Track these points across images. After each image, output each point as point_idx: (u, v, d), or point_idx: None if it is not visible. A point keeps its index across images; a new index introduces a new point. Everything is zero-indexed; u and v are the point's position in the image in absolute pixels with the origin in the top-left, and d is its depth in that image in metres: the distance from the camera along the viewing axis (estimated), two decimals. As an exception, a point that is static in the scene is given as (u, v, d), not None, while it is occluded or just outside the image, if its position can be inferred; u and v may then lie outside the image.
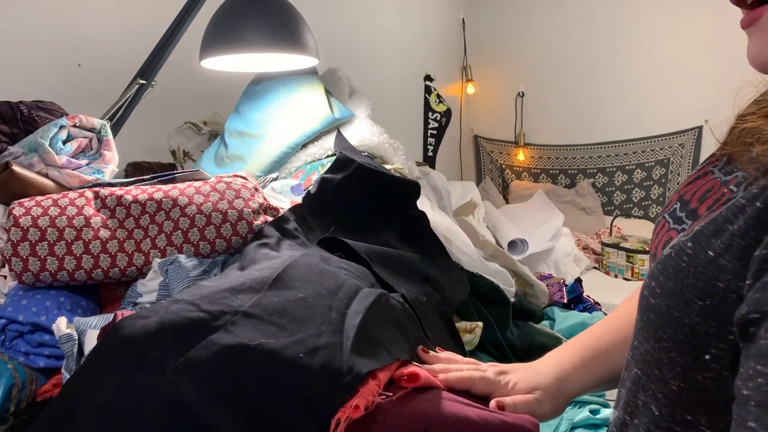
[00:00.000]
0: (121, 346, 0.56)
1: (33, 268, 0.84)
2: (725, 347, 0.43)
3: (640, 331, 0.51)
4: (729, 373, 0.43)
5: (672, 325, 0.46)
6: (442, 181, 1.84)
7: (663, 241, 0.57)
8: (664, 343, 0.46)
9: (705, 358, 0.43)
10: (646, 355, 0.50)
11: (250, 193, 0.94)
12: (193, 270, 0.86)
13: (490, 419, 0.64)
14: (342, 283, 0.70)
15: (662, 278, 0.48)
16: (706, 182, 0.57)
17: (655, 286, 0.48)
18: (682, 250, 0.46)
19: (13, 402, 0.74)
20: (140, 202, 0.90)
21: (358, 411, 0.58)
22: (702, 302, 0.43)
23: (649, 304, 0.49)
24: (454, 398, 0.66)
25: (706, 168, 0.59)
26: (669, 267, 0.47)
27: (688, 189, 0.59)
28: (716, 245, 0.44)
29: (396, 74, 3.17)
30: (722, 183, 0.54)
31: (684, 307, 0.45)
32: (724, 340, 0.42)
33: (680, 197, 0.59)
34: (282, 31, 1.16)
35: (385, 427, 0.60)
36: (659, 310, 0.47)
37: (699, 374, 0.44)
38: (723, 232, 0.44)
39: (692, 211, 0.55)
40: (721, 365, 0.43)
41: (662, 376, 0.48)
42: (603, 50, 3.47)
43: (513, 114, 3.83)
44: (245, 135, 1.36)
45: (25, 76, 1.50)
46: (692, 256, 0.45)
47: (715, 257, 0.43)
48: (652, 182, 3.45)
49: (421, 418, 0.62)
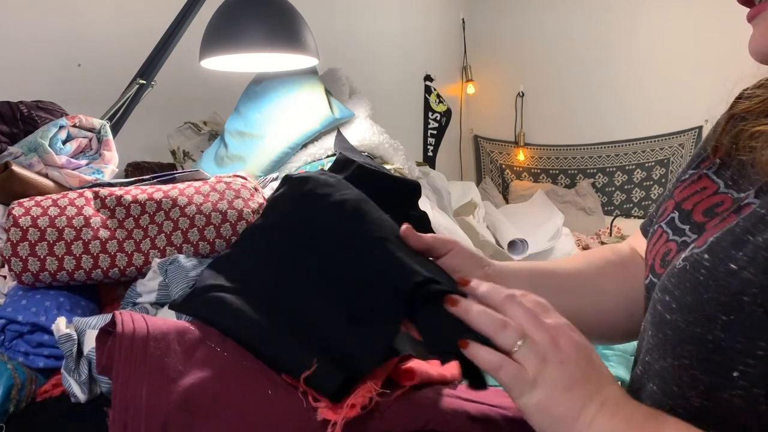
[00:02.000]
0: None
1: (32, 268, 0.84)
2: (755, 363, 0.41)
3: (655, 348, 0.49)
4: (760, 390, 0.41)
5: (693, 342, 0.44)
6: (442, 181, 1.84)
7: (661, 252, 0.55)
8: (684, 360, 0.44)
9: (733, 375, 0.42)
10: (663, 372, 0.48)
11: (249, 193, 0.94)
12: (193, 270, 0.86)
13: (490, 414, 0.64)
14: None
15: (678, 293, 0.45)
16: (706, 193, 0.54)
17: (670, 301, 0.46)
18: (699, 263, 0.44)
19: (12, 402, 0.74)
20: (140, 202, 0.90)
21: (355, 410, 0.58)
22: (726, 317, 0.41)
23: (665, 320, 0.47)
24: (453, 394, 0.66)
25: (699, 171, 0.58)
26: (685, 281, 0.45)
27: (684, 195, 0.57)
28: (738, 257, 0.42)
29: (396, 74, 3.17)
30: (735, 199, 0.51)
31: (706, 323, 0.43)
32: (753, 356, 0.41)
33: (677, 206, 0.57)
34: (282, 31, 1.16)
35: (385, 424, 0.60)
36: (677, 326, 0.45)
37: (725, 392, 0.43)
38: (744, 244, 0.42)
39: (698, 225, 0.52)
40: (750, 382, 0.41)
41: (682, 393, 0.46)
42: (603, 50, 3.47)
43: (513, 114, 3.83)
44: (245, 135, 1.36)
45: (25, 76, 1.50)
46: (711, 269, 0.43)
47: (738, 270, 0.41)
48: (652, 182, 3.45)
49: (420, 414, 0.62)
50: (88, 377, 0.73)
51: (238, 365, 0.63)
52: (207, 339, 0.65)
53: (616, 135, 3.50)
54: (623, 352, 1.35)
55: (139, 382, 0.59)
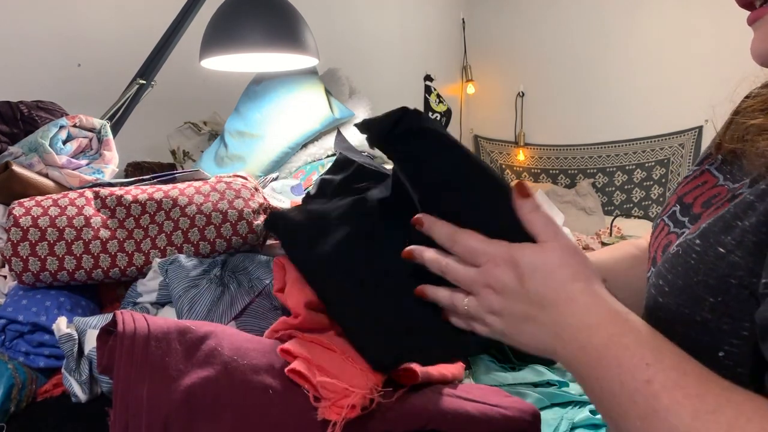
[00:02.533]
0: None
1: (33, 268, 0.84)
2: (739, 343, 0.42)
3: None
4: (744, 370, 0.42)
5: (683, 322, 0.45)
6: (442, 181, 1.84)
7: (662, 245, 0.56)
8: (675, 341, 0.45)
9: (719, 356, 0.43)
10: None
11: (250, 193, 0.94)
12: (193, 270, 0.86)
13: (490, 413, 0.64)
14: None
15: (671, 276, 0.47)
16: (706, 186, 0.56)
17: (663, 285, 0.48)
18: (690, 248, 0.46)
19: (13, 402, 0.74)
20: (140, 202, 0.90)
21: (355, 411, 0.58)
22: (713, 299, 0.43)
23: (658, 303, 0.48)
24: (453, 393, 0.66)
25: (702, 167, 0.59)
26: (677, 265, 0.47)
27: (686, 190, 0.59)
28: (726, 242, 0.43)
29: (396, 74, 3.17)
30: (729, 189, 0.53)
31: (694, 305, 0.44)
32: (738, 336, 0.42)
33: (679, 199, 0.58)
34: (282, 31, 1.16)
35: (385, 424, 0.60)
36: (669, 308, 0.46)
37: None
38: (733, 229, 0.43)
39: (696, 215, 0.54)
40: (735, 362, 0.43)
41: None
42: (603, 50, 3.47)
43: (513, 114, 3.83)
44: (245, 135, 1.37)
45: (25, 76, 1.50)
46: (701, 253, 0.45)
47: (726, 254, 0.43)
48: (652, 182, 3.46)
49: (421, 414, 0.62)
50: (89, 377, 0.73)
51: (238, 364, 0.63)
52: (208, 338, 0.65)
53: (616, 135, 3.50)
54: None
55: (140, 381, 0.59)
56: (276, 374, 0.64)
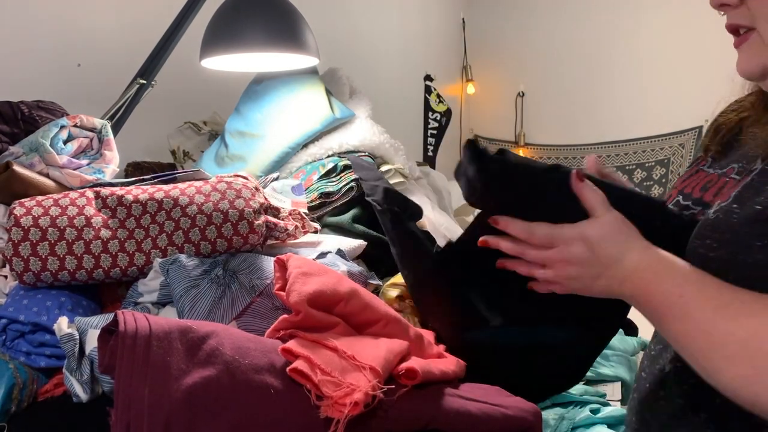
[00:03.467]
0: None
1: (34, 268, 0.84)
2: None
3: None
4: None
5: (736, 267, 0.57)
6: (442, 181, 1.84)
7: None
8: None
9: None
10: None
11: (251, 193, 0.95)
12: (194, 270, 0.86)
13: (491, 412, 0.65)
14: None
15: (717, 234, 0.59)
16: (700, 178, 0.70)
17: (710, 243, 0.59)
18: (730, 211, 0.59)
19: (14, 402, 0.74)
20: (141, 202, 0.90)
21: (357, 408, 0.58)
22: (761, 242, 0.55)
23: (707, 257, 0.59)
24: (455, 393, 0.66)
25: (696, 168, 0.72)
26: (721, 224, 0.59)
27: (686, 184, 0.71)
28: (760, 200, 0.56)
29: (396, 74, 3.17)
30: (719, 175, 0.67)
31: (747, 250, 0.56)
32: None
33: (680, 191, 0.71)
34: (282, 31, 1.16)
35: (387, 423, 0.60)
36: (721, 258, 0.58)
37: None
38: (761, 192, 0.57)
39: (697, 199, 0.68)
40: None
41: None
42: (603, 50, 3.47)
43: (513, 114, 3.82)
44: (246, 135, 1.37)
45: (25, 76, 1.49)
46: (740, 213, 0.58)
47: (763, 209, 0.56)
48: (652, 182, 3.46)
49: (422, 413, 0.62)
50: (90, 377, 0.73)
51: (240, 364, 0.63)
52: (209, 338, 0.65)
53: (616, 135, 3.50)
54: (623, 352, 1.35)
55: (141, 381, 0.59)
56: (277, 374, 0.64)
